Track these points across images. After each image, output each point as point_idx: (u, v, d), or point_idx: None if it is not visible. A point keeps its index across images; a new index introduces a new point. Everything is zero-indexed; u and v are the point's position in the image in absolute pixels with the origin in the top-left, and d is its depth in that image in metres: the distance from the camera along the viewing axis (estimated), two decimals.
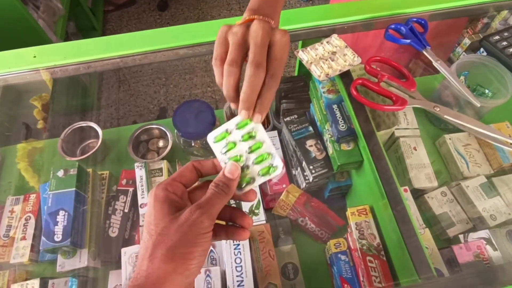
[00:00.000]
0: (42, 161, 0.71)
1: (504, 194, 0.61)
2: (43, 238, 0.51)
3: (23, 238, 0.57)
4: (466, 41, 1.47)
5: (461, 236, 0.58)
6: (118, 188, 0.61)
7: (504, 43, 0.51)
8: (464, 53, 1.51)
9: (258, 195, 0.59)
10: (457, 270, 0.51)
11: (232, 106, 0.35)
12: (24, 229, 0.57)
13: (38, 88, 0.71)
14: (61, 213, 0.53)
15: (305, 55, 0.47)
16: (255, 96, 0.32)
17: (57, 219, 0.52)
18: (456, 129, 0.60)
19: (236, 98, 0.34)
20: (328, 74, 0.46)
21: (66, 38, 1.54)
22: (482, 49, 0.63)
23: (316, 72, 0.45)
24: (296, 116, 0.58)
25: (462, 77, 0.66)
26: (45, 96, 0.73)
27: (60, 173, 0.56)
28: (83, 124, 0.68)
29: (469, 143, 0.66)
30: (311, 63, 0.47)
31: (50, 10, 1.36)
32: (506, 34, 0.51)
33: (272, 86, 0.32)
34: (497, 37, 0.51)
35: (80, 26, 1.76)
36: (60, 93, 0.66)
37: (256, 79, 0.32)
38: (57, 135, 0.71)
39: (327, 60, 0.47)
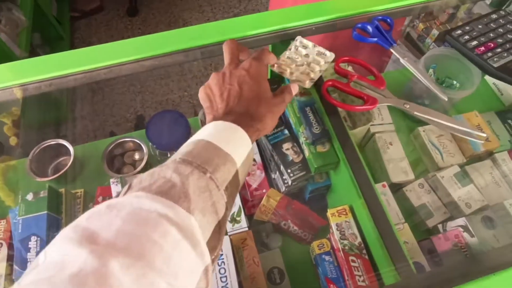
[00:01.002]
0: (16, 180, 0.68)
1: (477, 182, 0.63)
2: (15, 266, 0.49)
3: None
4: (435, 32, 1.51)
5: (440, 226, 0.59)
6: (95, 206, 0.58)
7: (466, 37, 0.52)
8: (433, 43, 1.56)
9: (239, 202, 0.59)
10: (437, 261, 0.52)
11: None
12: None
13: (9, 105, 0.68)
14: (33, 238, 0.50)
15: (283, 68, 0.46)
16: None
17: (29, 246, 0.50)
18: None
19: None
20: (312, 79, 0.45)
21: (32, 50, 1.47)
22: None
23: (305, 83, 0.44)
24: None
25: (431, 70, 0.68)
26: (15, 111, 0.70)
27: (29, 197, 0.54)
28: (52, 142, 0.65)
29: (441, 134, 0.68)
30: (292, 73, 0.46)
31: (12, 22, 1.30)
32: (467, 28, 0.53)
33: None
34: (459, 32, 0.53)
35: (46, 37, 1.69)
36: (31, 108, 0.63)
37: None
38: (27, 153, 0.68)
39: (303, 65, 0.46)
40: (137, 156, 0.68)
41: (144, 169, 0.63)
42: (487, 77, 0.79)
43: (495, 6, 1.25)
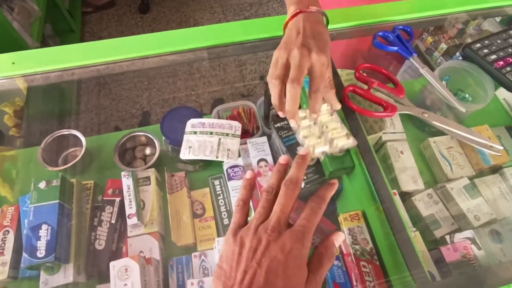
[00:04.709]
0: (17, 170, 0.68)
1: (485, 195, 0.63)
2: (24, 254, 0.49)
3: (1, 254, 0.54)
4: (443, 46, 1.53)
5: (447, 237, 0.59)
6: (104, 198, 0.58)
7: (485, 50, 0.53)
8: (441, 57, 1.58)
9: (250, 203, 0.59)
10: (445, 271, 0.53)
11: (280, 114, 0.41)
12: (2, 245, 0.54)
13: (13, 95, 0.68)
14: (44, 227, 0.50)
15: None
16: (295, 106, 0.39)
17: (40, 234, 0.50)
18: (439, 133, 0.62)
19: (279, 106, 0.40)
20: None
21: (43, 40, 1.48)
22: (458, 54, 0.66)
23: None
24: (286, 122, 0.58)
25: (444, 82, 0.69)
26: (18, 102, 0.70)
27: (42, 185, 0.54)
28: (65, 132, 0.65)
29: (451, 146, 0.68)
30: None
31: (25, 11, 1.31)
32: (487, 42, 0.54)
33: (317, 99, 0.40)
34: (478, 45, 0.53)
35: (57, 28, 1.70)
36: (36, 99, 0.64)
37: (293, 91, 0.38)
38: (33, 143, 0.68)
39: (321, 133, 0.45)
40: (148, 151, 0.68)
41: (155, 164, 0.63)
42: (497, 93, 0.80)
43: (505, 24, 1.27)
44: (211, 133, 0.57)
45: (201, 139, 0.57)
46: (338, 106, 0.44)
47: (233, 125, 0.59)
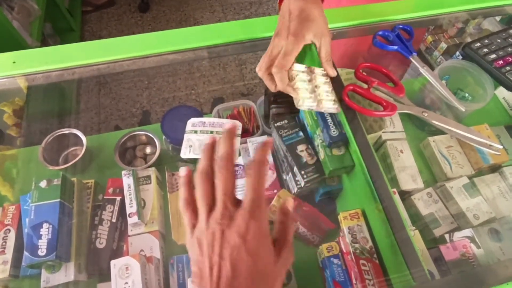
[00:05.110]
0: (17, 169, 0.68)
1: (485, 194, 0.63)
2: (25, 253, 0.49)
3: (2, 253, 0.54)
4: (443, 45, 1.53)
5: (446, 236, 0.60)
6: (105, 197, 0.59)
7: (485, 49, 0.53)
8: (441, 56, 1.58)
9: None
10: (444, 270, 0.53)
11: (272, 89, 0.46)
12: (3, 243, 0.54)
13: (13, 94, 0.68)
14: (45, 225, 0.51)
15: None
16: (284, 85, 0.45)
17: (41, 232, 0.50)
18: (438, 132, 0.62)
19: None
20: (335, 100, 0.47)
21: (43, 39, 1.48)
22: (457, 53, 0.66)
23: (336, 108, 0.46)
24: (286, 121, 0.58)
25: (443, 81, 0.69)
26: (18, 101, 0.70)
27: (43, 184, 0.54)
28: (65, 131, 0.66)
29: (451, 145, 0.68)
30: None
31: (25, 10, 1.31)
32: (486, 41, 0.54)
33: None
34: (478, 44, 0.53)
35: (57, 27, 1.70)
36: (36, 98, 0.64)
37: (279, 74, 0.44)
38: (33, 142, 0.68)
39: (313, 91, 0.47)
40: (148, 150, 0.69)
41: (156, 163, 0.63)
42: (497, 92, 0.80)
43: (505, 23, 1.27)
44: (211, 132, 0.58)
45: (202, 138, 0.57)
46: (333, 73, 0.48)
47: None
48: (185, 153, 0.57)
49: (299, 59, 0.45)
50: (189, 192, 0.32)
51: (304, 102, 0.45)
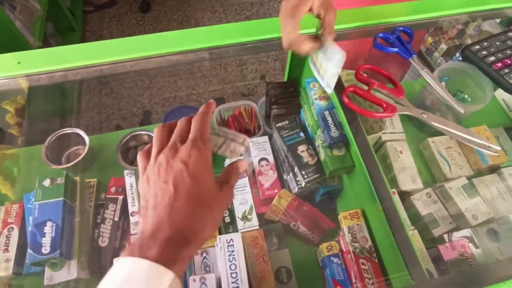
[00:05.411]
0: (19, 168, 0.68)
1: (483, 194, 0.64)
2: (29, 251, 0.50)
3: (6, 251, 0.54)
4: (443, 46, 1.53)
5: (445, 236, 0.60)
6: (107, 196, 0.59)
7: (484, 52, 0.54)
8: (441, 57, 1.58)
9: (251, 201, 0.60)
10: (443, 269, 0.53)
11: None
12: (7, 241, 0.55)
13: (15, 94, 0.68)
14: (49, 224, 0.51)
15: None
16: None
17: (45, 231, 0.51)
18: (437, 133, 0.63)
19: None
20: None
21: (45, 39, 1.48)
22: (458, 55, 0.67)
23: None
24: (287, 121, 0.59)
25: (443, 83, 0.69)
26: (20, 100, 0.71)
27: (47, 182, 0.54)
28: (68, 130, 0.66)
29: (450, 146, 0.69)
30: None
31: (27, 10, 1.31)
32: (485, 43, 0.54)
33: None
34: (477, 47, 0.54)
35: (58, 27, 1.70)
36: (37, 97, 0.64)
37: None
38: (35, 141, 0.69)
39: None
40: None
41: None
42: (496, 93, 0.81)
43: (505, 25, 1.28)
44: (218, 134, 0.58)
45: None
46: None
47: (241, 137, 0.59)
48: None
49: None
50: (149, 146, 0.35)
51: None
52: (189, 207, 0.30)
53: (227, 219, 0.60)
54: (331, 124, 0.50)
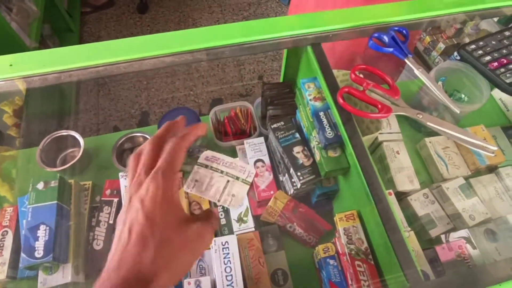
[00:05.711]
0: (16, 169, 0.68)
1: (481, 194, 0.64)
2: (23, 254, 0.49)
3: (0, 254, 0.54)
4: (441, 46, 1.53)
5: (442, 236, 0.60)
6: (102, 199, 0.59)
7: (480, 51, 0.53)
8: (439, 56, 1.58)
9: (246, 202, 0.59)
10: (440, 270, 0.53)
11: None
12: (1, 245, 0.55)
13: (12, 96, 0.68)
14: (42, 227, 0.51)
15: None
16: None
17: (38, 234, 0.50)
18: (434, 133, 0.62)
19: None
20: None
21: (42, 41, 1.48)
22: (455, 54, 0.66)
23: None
24: (283, 123, 0.59)
25: (440, 83, 0.69)
26: (18, 100, 0.70)
27: (40, 186, 0.54)
28: (63, 132, 0.66)
29: (447, 146, 0.69)
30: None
31: (23, 12, 1.31)
32: (481, 43, 0.54)
33: None
34: (473, 46, 0.54)
35: (56, 28, 1.70)
36: (35, 99, 0.64)
37: None
38: (31, 144, 0.68)
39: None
40: None
41: None
42: (493, 93, 0.80)
43: (503, 23, 1.27)
44: (222, 172, 0.60)
45: (210, 175, 0.59)
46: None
47: (247, 170, 0.60)
48: (188, 187, 0.58)
49: None
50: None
51: None
52: (140, 250, 0.27)
53: (223, 221, 0.60)
54: (326, 125, 0.50)
